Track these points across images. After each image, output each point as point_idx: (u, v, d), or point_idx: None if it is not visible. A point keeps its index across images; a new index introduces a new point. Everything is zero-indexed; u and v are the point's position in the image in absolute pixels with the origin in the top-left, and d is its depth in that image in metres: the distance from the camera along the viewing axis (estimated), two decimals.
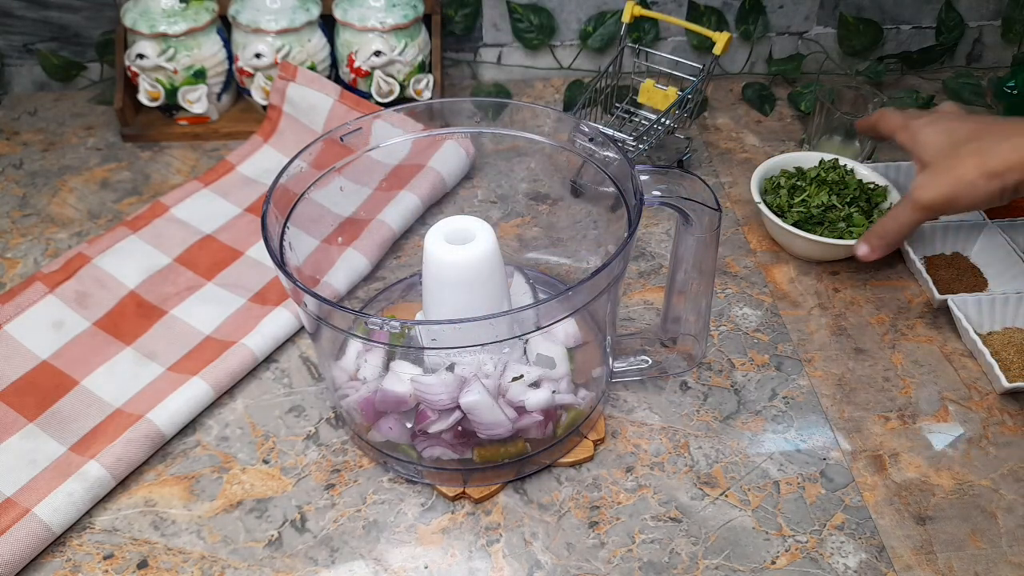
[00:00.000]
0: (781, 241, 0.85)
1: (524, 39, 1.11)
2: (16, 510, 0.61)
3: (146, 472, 0.67)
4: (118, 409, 0.69)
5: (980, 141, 0.69)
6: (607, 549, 0.61)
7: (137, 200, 0.92)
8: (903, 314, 0.79)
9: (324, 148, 0.67)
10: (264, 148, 0.96)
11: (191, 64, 0.97)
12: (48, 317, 0.75)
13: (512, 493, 0.65)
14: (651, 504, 0.64)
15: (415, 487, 0.66)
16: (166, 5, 0.96)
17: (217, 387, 0.71)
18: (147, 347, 0.75)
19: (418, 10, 0.99)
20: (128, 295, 0.79)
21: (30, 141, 1.01)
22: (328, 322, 0.60)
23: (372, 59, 0.98)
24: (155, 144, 1.00)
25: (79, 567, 0.61)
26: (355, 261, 0.80)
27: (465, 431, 0.63)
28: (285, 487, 0.66)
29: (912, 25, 1.15)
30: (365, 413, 0.65)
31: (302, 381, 0.74)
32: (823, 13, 1.13)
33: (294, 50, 0.98)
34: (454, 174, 0.91)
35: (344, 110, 0.94)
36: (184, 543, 0.62)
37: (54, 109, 1.06)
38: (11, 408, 0.69)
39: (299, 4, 0.98)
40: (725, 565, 0.60)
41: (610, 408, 0.71)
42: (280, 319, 0.76)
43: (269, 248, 0.59)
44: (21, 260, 0.85)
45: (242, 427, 0.70)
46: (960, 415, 0.70)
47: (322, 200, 0.70)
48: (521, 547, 0.62)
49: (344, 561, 0.61)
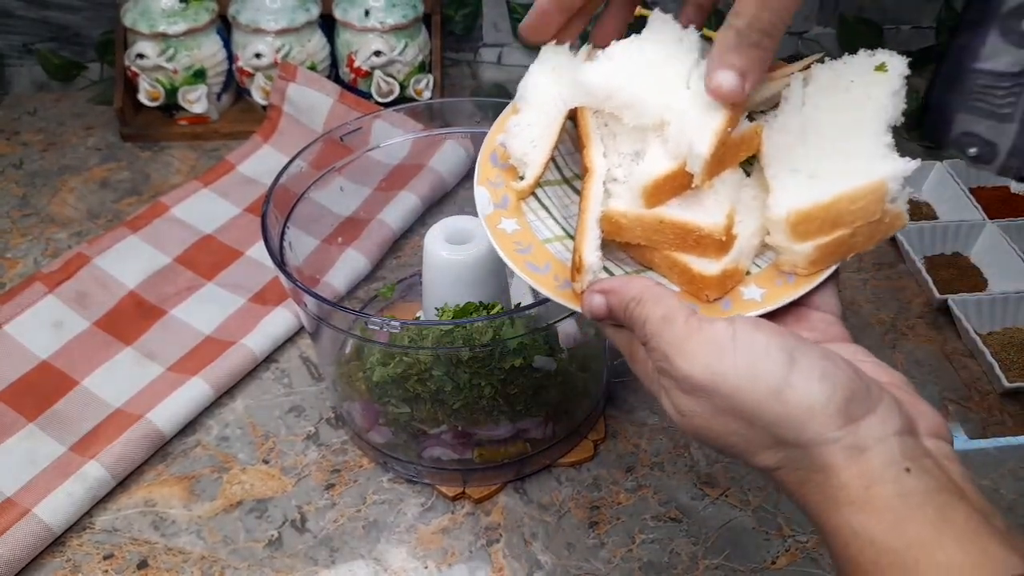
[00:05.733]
0: None
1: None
2: (16, 510, 0.61)
3: (146, 472, 0.67)
4: (118, 409, 0.69)
5: None
6: (607, 549, 0.61)
7: (137, 200, 0.92)
8: (903, 314, 0.79)
9: (324, 148, 0.67)
10: (264, 148, 0.96)
11: (191, 64, 0.97)
12: (48, 317, 0.75)
13: (512, 493, 0.65)
14: (651, 504, 0.64)
15: (415, 487, 0.66)
16: (166, 5, 0.96)
17: (217, 387, 0.71)
18: (147, 347, 0.75)
19: (418, 10, 0.99)
20: (128, 295, 0.78)
21: (30, 141, 1.01)
22: (328, 322, 0.60)
23: (372, 59, 0.98)
24: (155, 144, 1.00)
25: (79, 567, 0.61)
26: (355, 261, 0.80)
27: (465, 431, 0.63)
28: (285, 487, 0.66)
29: (912, 25, 1.15)
30: (365, 414, 0.65)
31: (302, 381, 0.74)
32: (823, 13, 1.13)
33: (294, 50, 0.98)
34: (454, 174, 0.91)
35: (344, 110, 0.94)
36: (184, 543, 0.62)
37: (54, 109, 1.06)
38: (11, 408, 0.69)
39: (299, 4, 0.98)
40: (725, 565, 0.60)
41: (610, 408, 0.71)
42: (280, 319, 0.75)
43: (269, 248, 0.59)
44: (21, 260, 0.85)
45: (242, 427, 0.70)
46: (960, 415, 0.70)
47: (322, 200, 0.70)
48: (521, 547, 0.62)
49: (344, 561, 0.61)
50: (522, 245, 0.46)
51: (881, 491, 0.36)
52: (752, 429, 0.38)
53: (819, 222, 0.41)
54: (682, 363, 0.38)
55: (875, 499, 0.36)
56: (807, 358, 0.38)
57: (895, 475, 0.36)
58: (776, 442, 0.38)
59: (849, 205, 0.41)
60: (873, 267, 0.84)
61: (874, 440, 0.36)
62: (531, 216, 0.48)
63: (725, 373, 0.37)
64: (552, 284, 0.44)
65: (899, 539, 0.35)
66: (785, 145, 0.44)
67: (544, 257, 0.46)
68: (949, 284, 0.80)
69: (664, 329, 0.39)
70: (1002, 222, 0.83)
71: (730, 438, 0.39)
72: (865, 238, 0.42)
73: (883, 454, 0.36)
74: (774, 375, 0.37)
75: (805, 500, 0.38)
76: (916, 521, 0.35)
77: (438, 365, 0.58)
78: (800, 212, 0.41)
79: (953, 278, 0.81)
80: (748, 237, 0.44)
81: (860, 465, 0.36)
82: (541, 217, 0.48)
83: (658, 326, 0.39)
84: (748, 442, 0.38)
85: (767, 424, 0.37)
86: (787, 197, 0.42)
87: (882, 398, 0.38)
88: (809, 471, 0.37)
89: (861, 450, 0.36)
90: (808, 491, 0.38)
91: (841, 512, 0.36)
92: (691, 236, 0.42)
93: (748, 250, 0.44)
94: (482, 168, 0.49)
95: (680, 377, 0.39)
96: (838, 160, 0.43)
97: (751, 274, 0.44)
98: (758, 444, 0.38)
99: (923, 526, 0.35)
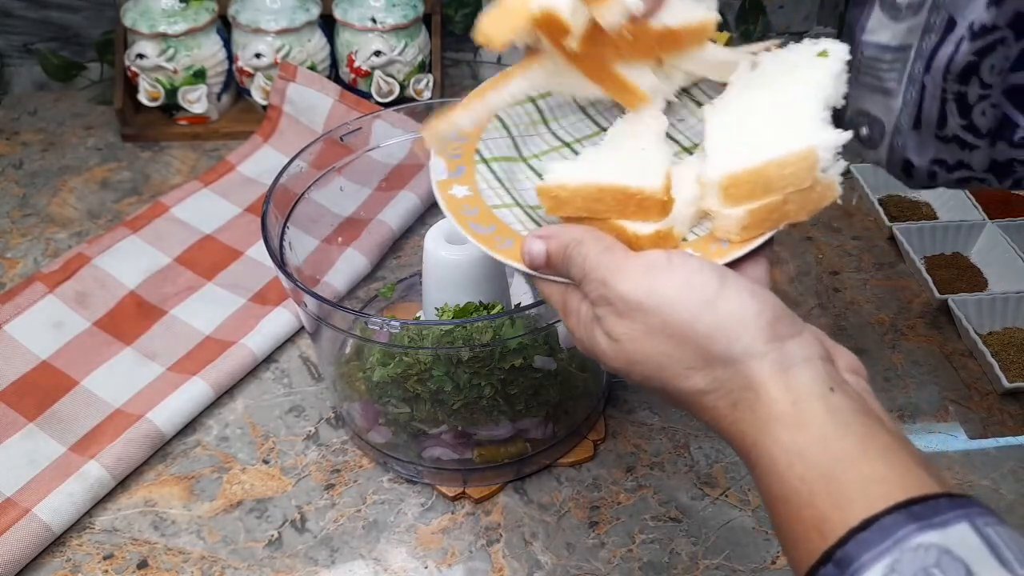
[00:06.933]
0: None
1: None
2: (16, 510, 0.61)
3: (146, 472, 0.67)
4: (118, 409, 0.69)
5: None
6: (607, 549, 0.61)
7: (137, 200, 0.92)
8: (903, 314, 0.79)
9: (324, 148, 0.67)
10: (264, 148, 0.96)
11: (191, 64, 0.97)
12: (48, 317, 0.75)
13: (512, 493, 0.65)
14: (651, 504, 0.64)
15: (415, 487, 0.66)
16: (166, 5, 0.96)
17: (217, 387, 0.71)
18: (147, 347, 0.75)
19: (418, 10, 0.99)
20: (128, 295, 0.78)
21: (30, 141, 1.01)
22: (328, 322, 0.60)
23: (372, 59, 0.98)
24: (155, 144, 1.00)
25: (79, 567, 0.61)
26: (355, 261, 0.80)
27: (465, 431, 0.63)
28: (285, 487, 0.66)
29: None
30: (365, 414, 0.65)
31: (302, 381, 0.74)
32: (823, 13, 1.13)
33: (294, 50, 0.98)
34: None
35: (344, 110, 0.94)
36: (184, 543, 0.62)
37: (54, 109, 1.06)
38: (11, 408, 0.69)
39: (299, 4, 0.98)
40: (725, 565, 0.60)
41: (610, 408, 0.71)
42: (280, 319, 0.75)
43: (269, 248, 0.59)
44: (21, 260, 0.85)
45: (242, 427, 0.70)
46: (960, 415, 0.70)
47: (322, 200, 0.70)
48: (521, 547, 0.62)
49: (344, 561, 0.61)
50: (469, 208, 0.49)
51: (808, 407, 0.37)
52: (684, 348, 0.39)
53: (750, 186, 0.43)
54: (619, 282, 0.40)
55: (803, 414, 0.37)
56: (736, 280, 0.40)
57: (822, 392, 0.38)
58: (706, 362, 0.39)
59: (779, 170, 0.42)
60: (873, 267, 0.84)
61: (800, 359, 0.38)
62: (483, 185, 0.50)
63: (661, 289, 0.40)
64: (494, 243, 0.46)
65: (826, 453, 0.36)
66: (725, 121, 0.46)
67: (490, 220, 0.48)
68: (949, 284, 0.80)
69: (604, 258, 0.41)
70: (1002, 222, 0.83)
71: (661, 360, 0.40)
72: (797, 207, 0.43)
73: (809, 372, 0.38)
74: (708, 287, 0.39)
75: (734, 423, 0.39)
76: (842, 437, 0.36)
77: (438, 365, 0.58)
78: (732, 176, 0.43)
79: (953, 278, 0.81)
80: (684, 204, 0.45)
81: (787, 380, 0.38)
82: (493, 187, 0.50)
83: (597, 258, 0.41)
84: (679, 363, 0.40)
85: (699, 337, 0.39)
86: (721, 162, 0.44)
87: (805, 327, 0.40)
88: (740, 390, 0.39)
89: (787, 367, 0.38)
90: (738, 414, 0.39)
91: (770, 429, 0.38)
92: (632, 200, 0.44)
93: (684, 217, 0.45)
94: (439, 143, 0.51)
95: (616, 297, 0.40)
96: (773, 131, 0.44)
97: (687, 241, 0.45)
98: (689, 365, 0.40)
99: (849, 441, 0.36)
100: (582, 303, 0.43)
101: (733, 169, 0.43)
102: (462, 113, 0.49)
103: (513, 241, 0.46)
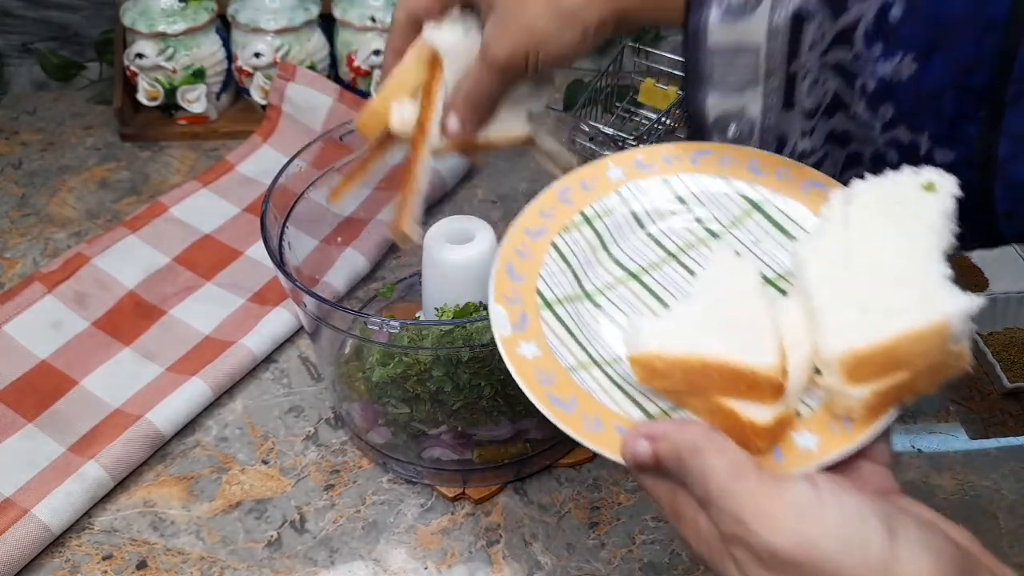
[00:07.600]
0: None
1: None
2: (15, 510, 0.61)
3: (145, 472, 0.67)
4: (117, 409, 0.69)
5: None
6: (607, 550, 0.61)
7: (136, 200, 0.92)
8: None
9: (323, 148, 0.67)
10: (263, 148, 0.96)
11: (190, 64, 0.97)
12: (47, 317, 0.75)
13: (512, 494, 0.65)
14: (651, 505, 0.64)
15: (415, 488, 0.65)
16: (165, 5, 0.96)
17: (216, 387, 0.70)
18: (146, 347, 0.74)
19: None
20: (127, 295, 0.78)
21: (29, 141, 1.01)
22: (328, 322, 0.60)
23: (372, 58, 0.98)
24: (154, 144, 1.00)
25: (78, 567, 0.61)
26: (354, 261, 0.80)
27: (465, 431, 0.62)
28: (284, 487, 0.66)
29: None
30: (365, 414, 0.64)
31: (301, 381, 0.74)
32: None
33: (293, 49, 0.97)
34: (454, 174, 0.91)
35: (343, 110, 0.94)
36: (183, 544, 0.62)
37: (53, 109, 1.06)
38: (10, 408, 0.69)
39: (298, 3, 0.98)
40: None
41: None
42: (279, 319, 0.75)
43: (268, 248, 0.59)
44: (20, 260, 0.85)
45: (241, 427, 0.70)
46: (962, 415, 0.70)
47: (321, 200, 0.70)
48: (521, 548, 0.62)
49: (343, 562, 0.61)
50: (543, 374, 0.42)
51: None
52: None
53: (878, 365, 0.38)
54: (765, 531, 0.33)
55: None
56: (905, 527, 0.34)
57: None
58: None
59: (911, 347, 0.37)
60: None
61: None
62: (552, 339, 0.44)
63: (821, 543, 0.33)
64: (580, 425, 0.40)
65: None
66: (831, 272, 0.41)
67: (569, 389, 0.41)
68: None
69: (735, 487, 0.34)
70: None
71: None
72: (926, 381, 0.38)
73: None
74: (875, 542, 0.33)
75: None
76: None
77: (438, 365, 0.58)
78: (857, 354, 0.38)
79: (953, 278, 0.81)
80: (795, 373, 0.39)
81: None
82: (563, 339, 0.44)
83: (725, 484, 0.34)
84: None
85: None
86: (840, 335, 0.38)
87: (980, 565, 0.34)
88: None
89: None
90: None
91: None
92: (743, 380, 0.38)
93: (796, 389, 0.39)
94: (498, 283, 0.45)
95: (762, 547, 0.33)
96: (893, 292, 0.39)
97: (801, 416, 0.40)
98: None
99: None
100: (699, 515, 0.36)
101: (856, 345, 0.38)
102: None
103: (601, 421, 0.40)
